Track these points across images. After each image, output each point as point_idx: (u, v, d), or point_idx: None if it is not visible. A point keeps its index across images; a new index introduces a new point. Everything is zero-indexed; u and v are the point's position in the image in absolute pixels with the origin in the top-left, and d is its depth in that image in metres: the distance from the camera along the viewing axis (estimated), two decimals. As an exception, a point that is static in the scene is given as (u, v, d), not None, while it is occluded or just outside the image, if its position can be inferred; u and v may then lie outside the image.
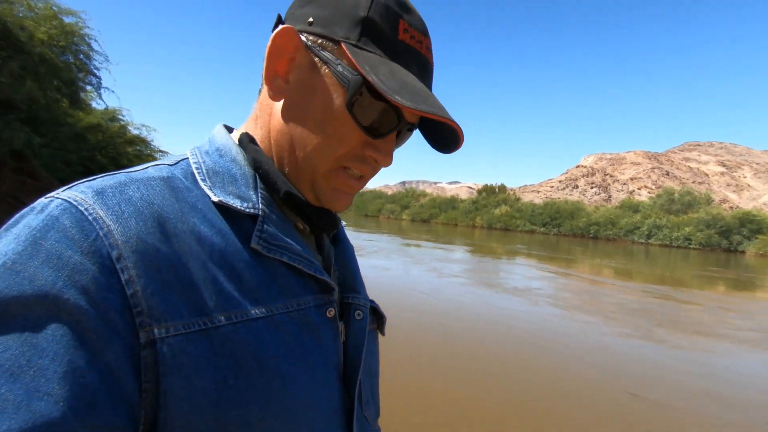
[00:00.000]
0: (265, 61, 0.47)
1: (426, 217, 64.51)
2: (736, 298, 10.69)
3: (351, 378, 0.49)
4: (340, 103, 0.45)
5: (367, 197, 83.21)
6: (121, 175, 0.40)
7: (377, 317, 0.61)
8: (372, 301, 0.60)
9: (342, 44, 0.45)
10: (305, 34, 0.47)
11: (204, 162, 0.46)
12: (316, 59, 0.46)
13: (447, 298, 7.30)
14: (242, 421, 0.37)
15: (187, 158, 0.47)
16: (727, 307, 9.06)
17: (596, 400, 3.65)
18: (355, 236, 21.23)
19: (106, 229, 0.35)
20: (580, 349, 5.10)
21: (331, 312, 0.48)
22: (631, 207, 56.22)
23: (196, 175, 0.45)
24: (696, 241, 42.63)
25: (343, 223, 0.68)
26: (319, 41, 0.46)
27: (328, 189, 0.49)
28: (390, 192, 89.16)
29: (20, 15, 13.20)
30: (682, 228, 44.52)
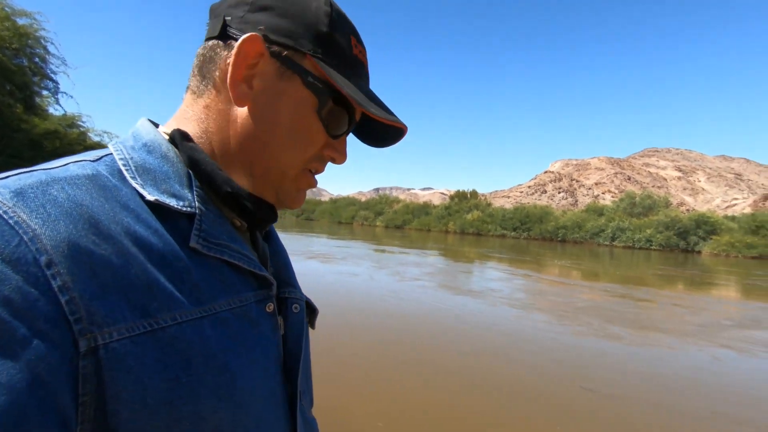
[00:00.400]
0: (231, 65, 0.47)
1: (399, 223, 64.80)
2: (688, 295, 11.25)
3: (292, 370, 0.51)
4: (310, 111, 0.49)
5: (340, 204, 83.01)
6: (39, 173, 0.38)
7: (310, 311, 0.62)
8: (305, 295, 0.63)
9: (308, 56, 0.48)
10: (273, 44, 0.48)
11: (132, 158, 0.44)
12: (284, 68, 0.48)
13: (410, 301, 7.38)
14: (196, 416, 0.38)
15: (111, 154, 0.45)
16: (680, 303, 9.54)
17: (551, 395, 3.79)
18: (327, 243, 21.12)
19: (31, 233, 0.33)
20: (534, 346, 5.27)
21: (270, 307, 0.49)
22: (596, 211, 58.34)
23: (125, 172, 0.43)
24: (656, 242, 44.61)
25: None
26: (285, 52, 0.48)
27: (294, 190, 0.53)
28: (364, 199, 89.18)
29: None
30: (643, 230, 46.51)
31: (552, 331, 6.05)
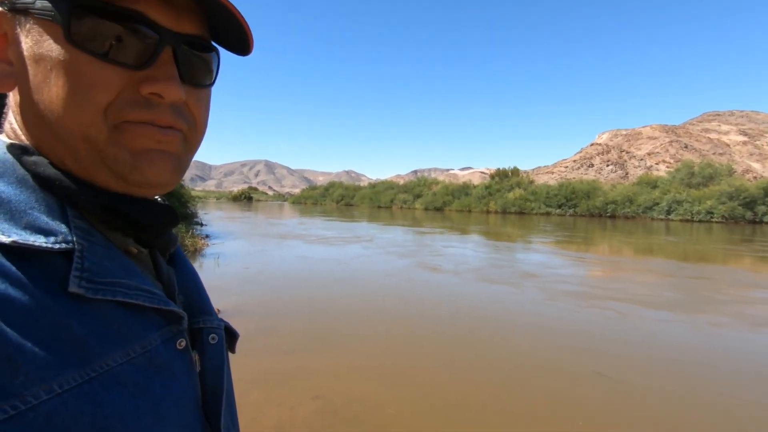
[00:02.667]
0: None
1: (439, 205, 64.04)
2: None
3: (213, 411, 0.45)
4: (62, 43, 0.36)
5: (379, 188, 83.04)
6: None
7: (229, 336, 0.55)
8: (222, 320, 0.55)
9: None
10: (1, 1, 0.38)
11: None
12: (19, 17, 0.37)
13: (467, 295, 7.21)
14: None
15: None
16: (755, 282, 8.75)
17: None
18: (370, 226, 21.19)
19: None
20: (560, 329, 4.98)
21: (182, 343, 0.43)
22: (649, 183, 54.74)
23: None
24: (718, 214, 41.36)
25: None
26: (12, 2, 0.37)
27: (127, 155, 0.38)
28: (402, 182, 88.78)
29: None
30: (703, 201, 43.21)
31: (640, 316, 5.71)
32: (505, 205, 56.27)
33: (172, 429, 0.38)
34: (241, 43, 0.44)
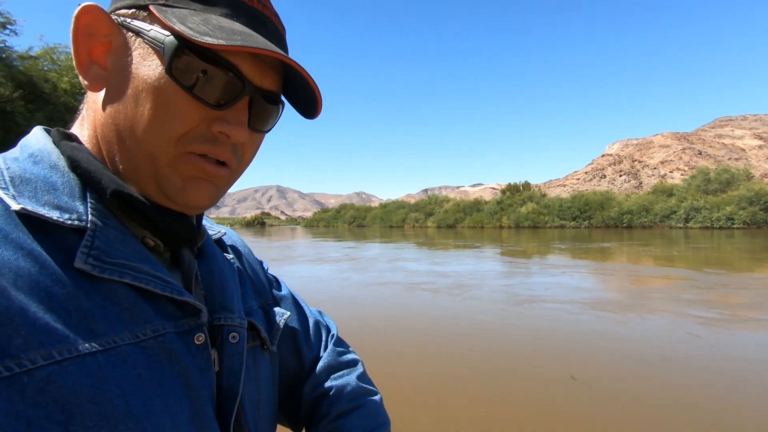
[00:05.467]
0: (71, 47, 0.41)
1: (451, 222, 63.80)
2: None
3: (226, 411, 0.44)
4: (161, 72, 0.39)
5: (390, 208, 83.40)
6: None
7: (258, 334, 0.54)
8: (251, 317, 0.54)
9: (150, 7, 0.40)
10: (117, 13, 0.42)
11: (8, 168, 0.38)
12: (129, 34, 0.41)
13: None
14: None
15: None
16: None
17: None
18: (383, 246, 21.17)
19: None
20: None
21: (200, 338, 0.42)
22: (664, 191, 53.91)
23: None
24: (739, 220, 40.34)
25: (221, 231, 0.60)
26: (130, 12, 0.41)
27: (179, 180, 0.42)
28: (413, 201, 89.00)
29: (44, 69, 14.07)
30: (722, 208, 42.26)
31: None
32: (518, 220, 55.82)
33: (184, 420, 0.37)
34: (310, 108, 0.48)
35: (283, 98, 0.48)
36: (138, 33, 0.40)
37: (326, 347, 0.69)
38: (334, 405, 0.61)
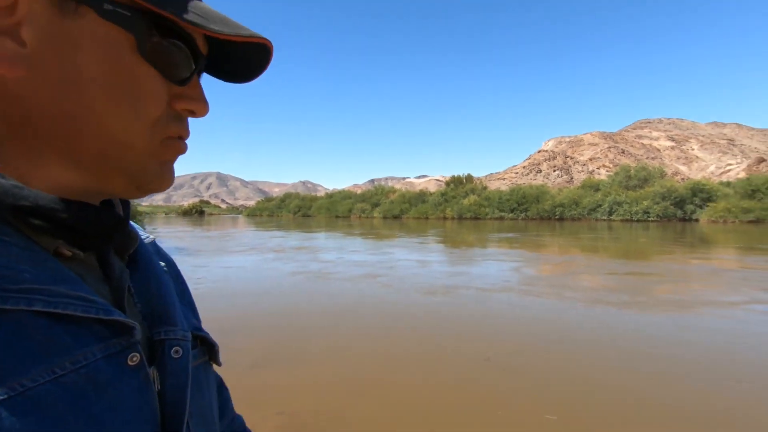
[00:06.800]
0: None
1: (397, 212, 64.70)
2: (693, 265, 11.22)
3: None
4: (127, 54, 0.35)
5: (336, 198, 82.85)
6: None
7: (208, 347, 0.50)
8: (199, 329, 0.50)
9: None
10: None
11: None
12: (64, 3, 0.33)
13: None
14: None
15: None
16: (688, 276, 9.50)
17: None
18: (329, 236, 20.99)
19: None
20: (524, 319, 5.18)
21: (134, 358, 0.36)
22: (592, 186, 58.47)
23: None
24: (654, 214, 44.78)
25: (149, 237, 0.55)
26: None
27: (158, 166, 0.39)
28: (359, 191, 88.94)
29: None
30: (640, 202, 46.65)
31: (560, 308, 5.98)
32: (460, 211, 57.84)
33: None
34: (245, 71, 0.45)
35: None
36: (83, 1, 0.33)
37: (230, 411, 0.66)
38: None
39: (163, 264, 0.52)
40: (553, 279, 8.70)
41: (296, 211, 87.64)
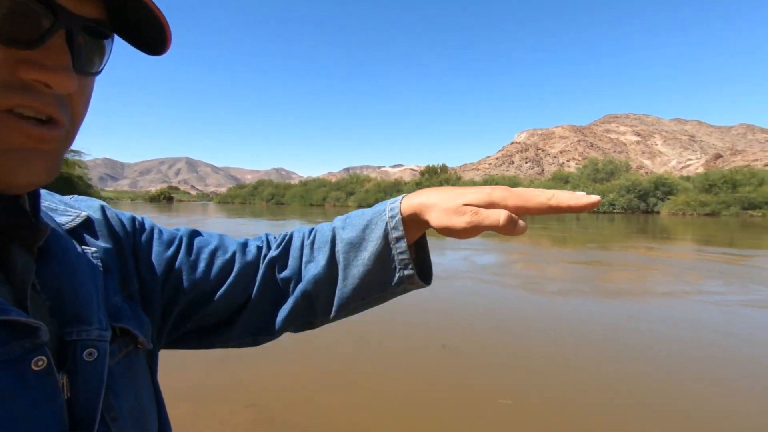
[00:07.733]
0: None
1: (372, 201, 64.55)
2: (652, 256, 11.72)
3: None
4: None
5: (310, 186, 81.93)
6: None
7: (132, 338, 0.44)
8: (119, 320, 0.43)
9: None
10: None
11: None
12: None
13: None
14: None
15: None
16: (647, 264, 9.91)
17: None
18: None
19: None
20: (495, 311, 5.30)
21: (40, 362, 0.32)
22: (561, 178, 60.22)
23: None
24: (619, 206, 46.53)
25: (80, 215, 0.47)
26: None
27: None
28: (334, 179, 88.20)
29: None
30: (606, 194, 48.34)
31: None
32: (434, 201, 58.32)
33: None
34: (154, 42, 0.38)
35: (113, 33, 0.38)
36: None
37: (268, 246, 0.63)
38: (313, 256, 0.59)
39: (92, 249, 0.45)
40: (516, 269, 8.89)
41: (269, 198, 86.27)
